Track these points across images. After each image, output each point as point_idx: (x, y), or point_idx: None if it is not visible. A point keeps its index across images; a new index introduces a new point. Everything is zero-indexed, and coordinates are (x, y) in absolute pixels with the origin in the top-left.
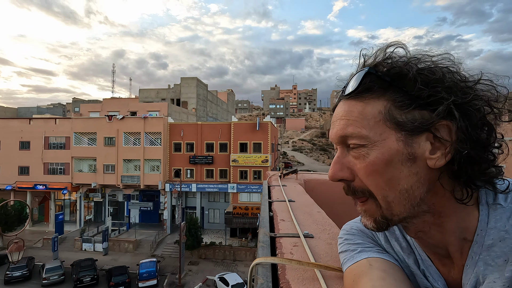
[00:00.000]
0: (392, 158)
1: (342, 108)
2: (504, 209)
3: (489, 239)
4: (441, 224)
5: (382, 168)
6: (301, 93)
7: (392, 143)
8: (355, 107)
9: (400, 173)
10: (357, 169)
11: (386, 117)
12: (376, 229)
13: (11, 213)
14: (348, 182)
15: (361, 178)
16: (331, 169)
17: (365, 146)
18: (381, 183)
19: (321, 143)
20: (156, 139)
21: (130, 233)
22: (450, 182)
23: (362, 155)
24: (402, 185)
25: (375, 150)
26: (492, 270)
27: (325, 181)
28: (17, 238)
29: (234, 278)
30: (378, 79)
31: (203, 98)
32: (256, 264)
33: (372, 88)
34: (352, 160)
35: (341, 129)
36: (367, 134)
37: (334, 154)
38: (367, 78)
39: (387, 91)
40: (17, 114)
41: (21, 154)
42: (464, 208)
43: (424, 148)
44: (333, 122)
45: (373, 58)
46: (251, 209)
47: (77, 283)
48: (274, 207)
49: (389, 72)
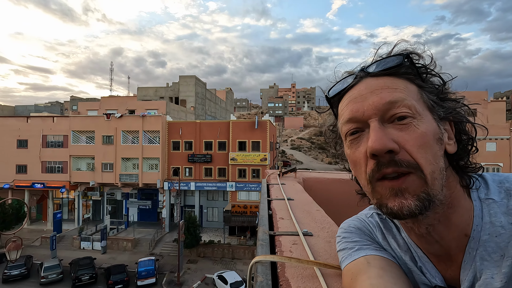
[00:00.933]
0: (434, 134)
1: (379, 81)
2: (498, 203)
3: (485, 234)
4: (448, 218)
5: (431, 140)
6: (300, 91)
7: (432, 121)
8: (397, 81)
9: (438, 151)
10: (404, 140)
11: (423, 97)
12: (420, 209)
13: (9, 212)
14: (392, 155)
15: (410, 150)
16: (377, 138)
17: (415, 118)
18: (430, 157)
19: (320, 142)
20: (155, 138)
21: (128, 231)
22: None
23: (413, 125)
24: (440, 163)
25: (423, 122)
26: (488, 266)
27: (323, 179)
28: (15, 237)
29: (232, 276)
30: (412, 65)
31: (202, 96)
32: (255, 262)
33: (410, 71)
34: (395, 133)
35: (388, 96)
36: (416, 106)
37: (332, 153)
38: (405, 61)
39: (417, 78)
40: (15, 113)
41: (18, 152)
42: (465, 202)
43: (444, 134)
44: (365, 94)
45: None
46: (249, 208)
47: (75, 282)
48: (273, 206)
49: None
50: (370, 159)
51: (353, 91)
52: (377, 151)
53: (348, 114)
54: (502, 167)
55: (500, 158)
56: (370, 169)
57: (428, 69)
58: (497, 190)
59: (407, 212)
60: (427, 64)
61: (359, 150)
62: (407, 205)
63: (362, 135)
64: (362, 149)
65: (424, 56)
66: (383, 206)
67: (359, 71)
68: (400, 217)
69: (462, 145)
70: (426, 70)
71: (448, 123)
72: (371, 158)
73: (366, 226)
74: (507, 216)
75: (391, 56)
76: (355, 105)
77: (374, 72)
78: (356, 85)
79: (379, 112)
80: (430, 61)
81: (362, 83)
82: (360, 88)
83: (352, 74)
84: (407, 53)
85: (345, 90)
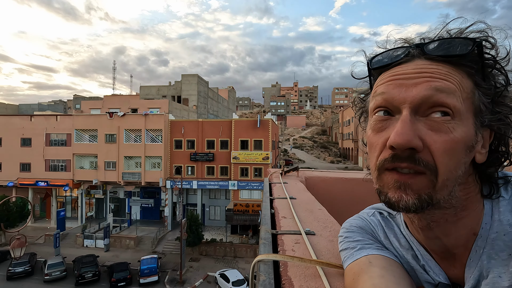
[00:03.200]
0: (467, 141)
1: (433, 66)
2: (507, 201)
3: (493, 233)
4: (460, 219)
5: (460, 148)
6: (302, 90)
7: (471, 126)
8: (453, 73)
9: (463, 158)
10: (432, 141)
11: (475, 97)
12: (416, 207)
13: (13, 210)
14: (413, 152)
15: (434, 153)
16: (403, 133)
17: (453, 119)
18: (452, 164)
19: (322, 141)
20: (157, 136)
21: (131, 229)
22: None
23: (447, 127)
24: (459, 171)
25: (460, 127)
26: (495, 264)
27: (326, 178)
28: (19, 234)
29: (234, 274)
30: (480, 56)
31: (204, 95)
32: (258, 261)
33: (476, 61)
34: (425, 130)
35: (434, 88)
36: (460, 107)
37: (334, 151)
38: (474, 50)
39: (477, 72)
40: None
41: (22, 151)
42: (478, 203)
43: (479, 141)
44: (411, 76)
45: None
46: (251, 206)
47: (78, 279)
48: (276, 204)
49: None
50: (388, 148)
51: (398, 69)
52: (398, 145)
53: (384, 92)
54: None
55: None
56: (383, 157)
57: (497, 63)
58: (505, 188)
59: (403, 206)
60: (499, 59)
61: (380, 134)
62: (405, 200)
63: (390, 120)
64: (385, 134)
65: (498, 47)
66: (383, 194)
67: (414, 45)
68: (395, 208)
69: (496, 156)
70: (495, 64)
71: (488, 130)
72: (389, 148)
73: (368, 225)
74: None
75: (459, 38)
76: (395, 85)
77: (432, 55)
78: (404, 63)
79: (416, 101)
80: (505, 56)
81: (412, 63)
82: (408, 67)
83: (405, 47)
84: (479, 40)
85: (390, 66)
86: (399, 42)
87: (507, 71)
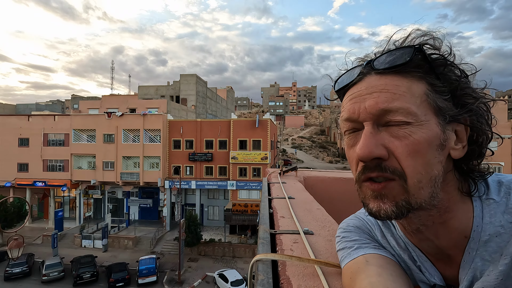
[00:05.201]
0: (432, 141)
1: (381, 81)
2: (498, 203)
3: (485, 235)
4: (445, 221)
5: (424, 149)
6: (301, 90)
7: (434, 126)
8: (401, 82)
9: (434, 158)
10: (394, 147)
11: (430, 99)
12: (395, 214)
13: (11, 210)
14: (379, 160)
15: (399, 158)
16: (364, 146)
17: (410, 124)
18: (419, 166)
19: (321, 141)
20: (156, 136)
21: (129, 230)
22: (457, 176)
23: (405, 133)
24: (433, 171)
25: (420, 130)
26: (489, 265)
27: (324, 178)
28: (16, 235)
29: (233, 274)
30: (424, 59)
31: (203, 95)
32: (256, 260)
33: (421, 66)
34: (388, 138)
35: (384, 102)
36: (416, 112)
37: (333, 151)
38: (417, 55)
39: (428, 74)
40: (16, 111)
41: (20, 151)
42: (465, 204)
43: (451, 138)
44: (363, 95)
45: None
46: (250, 206)
47: (77, 280)
48: (274, 204)
49: (436, 56)
50: (360, 161)
51: (354, 89)
52: (362, 158)
53: (346, 113)
54: (504, 166)
55: (501, 157)
56: (358, 170)
57: (445, 60)
58: (496, 190)
59: (384, 215)
60: (445, 55)
61: (353, 149)
62: (384, 209)
63: (358, 135)
64: (356, 149)
65: (441, 46)
66: (366, 205)
67: (364, 65)
68: (378, 218)
69: (471, 150)
70: (443, 62)
71: (461, 125)
72: (360, 161)
73: (365, 224)
74: (507, 215)
75: (401, 48)
76: (353, 105)
77: (379, 69)
78: (359, 82)
79: (373, 116)
80: (449, 52)
81: (364, 81)
82: (361, 87)
83: (360, 65)
84: (418, 45)
85: (348, 86)
86: (356, 61)
87: (458, 64)
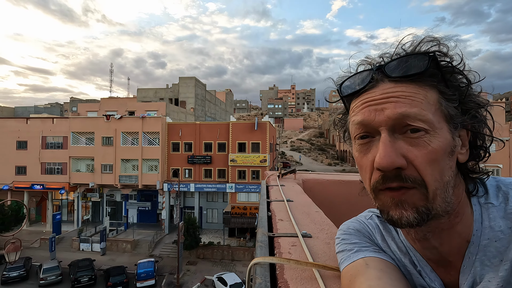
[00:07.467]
0: (446, 148)
1: (397, 88)
2: (496, 208)
3: (485, 239)
4: (453, 226)
5: (440, 157)
6: (300, 93)
7: (447, 134)
8: (417, 90)
9: (446, 165)
10: (414, 156)
11: (443, 106)
12: (417, 221)
13: (8, 213)
14: (399, 170)
15: (418, 166)
16: (386, 155)
17: (428, 132)
18: (436, 174)
19: (320, 143)
20: (154, 139)
21: (128, 233)
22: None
23: (424, 141)
24: (446, 177)
25: (436, 139)
26: (489, 270)
27: (323, 181)
28: (14, 238)
29: (232, 278)
30: (436, 67)
31: (202, 98)
32: (254, 263)
33: (435, 75)
34: (406, 147)
35: (403, 107)
36: (432, 120)
37: (332, 154)
38: (432, 63)
39: (439, 82)
40: (14, 114)
41: (18, 154)
42: (467, 208)
43: (458, 144)
44: (379, 100)
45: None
46: (249, 209)
47: (74, 283)
48: (273, 207)
49: (445, 63)
50: (376, 170)
51: (368, 95)
52: (384, 168)
53: (360, 118)
54: (502, 168)
55: (500, 159)
56: (374, 179)
57: (454, 68)
58: (495, 194)
59: (405, 223)
60: (455, 64)
61: (366, 156)
62: (406, 216)
63: (372, 142)
64: (370, 156)
65: (453, 55)
66: (384, 212)
67: (376, 69)
68: (399, 226)
69: (475, 150)
70: (452, 70)
71: (464, 130)
72: (377, 170)
73: (365, 228)
74: (506, 221)
75: (413, 54)
76: (368, 111)
77: (394, 77)
78: (372, 88)
79: (391, 122)
80: (459, 62)
81: (378, 88)
82: (376, 93)
83: (369, 70)
84: (432, 53)
85: (359, 92)
86: (362, 63)
87: (465, 71)
